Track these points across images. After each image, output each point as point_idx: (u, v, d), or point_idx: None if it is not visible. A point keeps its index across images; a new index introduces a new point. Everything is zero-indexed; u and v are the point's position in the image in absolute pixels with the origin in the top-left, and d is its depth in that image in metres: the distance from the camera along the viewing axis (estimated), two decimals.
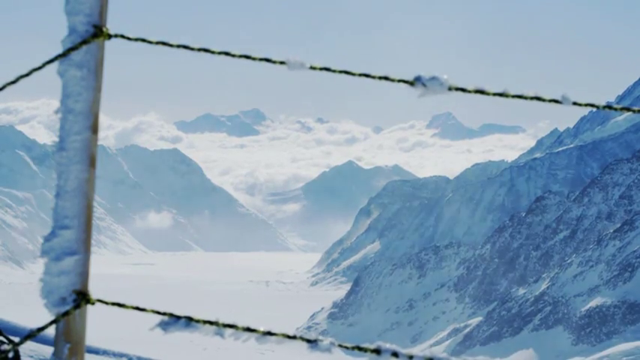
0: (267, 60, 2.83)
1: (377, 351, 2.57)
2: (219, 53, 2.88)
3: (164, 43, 2.89)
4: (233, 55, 2.89)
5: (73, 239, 2.83)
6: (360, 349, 2.62)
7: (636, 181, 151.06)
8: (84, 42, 2.84)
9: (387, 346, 2.56)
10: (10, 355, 3.00)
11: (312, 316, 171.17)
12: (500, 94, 2.77)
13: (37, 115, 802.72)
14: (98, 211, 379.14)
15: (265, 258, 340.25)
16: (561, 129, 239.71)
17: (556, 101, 2.76)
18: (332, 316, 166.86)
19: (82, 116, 2.86)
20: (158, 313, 2.72)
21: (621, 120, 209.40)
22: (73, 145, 2.85)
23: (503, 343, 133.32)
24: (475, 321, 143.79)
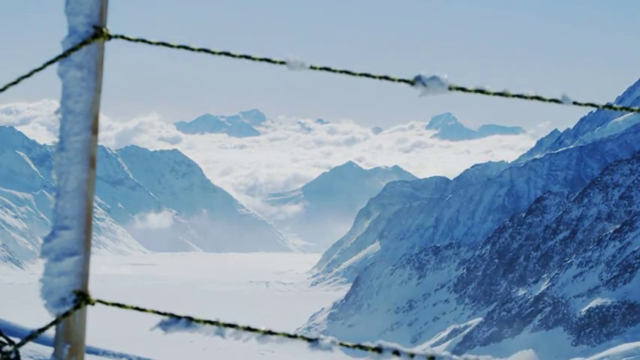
0: (267, 60, 2.82)
1: (378, 349, 2.56)
2: (219, 53, 2.86)
3: (164, 44, 2.88)
4: (233, 56, 2.87)
5: (73, 240, 2.82)
6: (361, 347, 2.60)
7: (636, 181, 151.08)
8: (84, 43, 2.83)
9: (389, 344, 2.55)
10: (12, 356, 3.14)
11: (312, 317, 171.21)
12: (501, 94, 2.76)
13: (38, 115, 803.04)
14: (98, 211, 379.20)
15: (265, 258, 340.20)
16: (561, 130, 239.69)
17: (556, 101, 2.75)
18: (332, 317, 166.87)
19: (82, 117, 2.85)
20: (158, 313, 2.71)
21: (621, 121, 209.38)
22: (73, 146, 2.84)
23: (504, 344, 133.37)
24: (475, 322, 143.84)
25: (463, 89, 2.78)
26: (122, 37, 2.86)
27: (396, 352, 2.55)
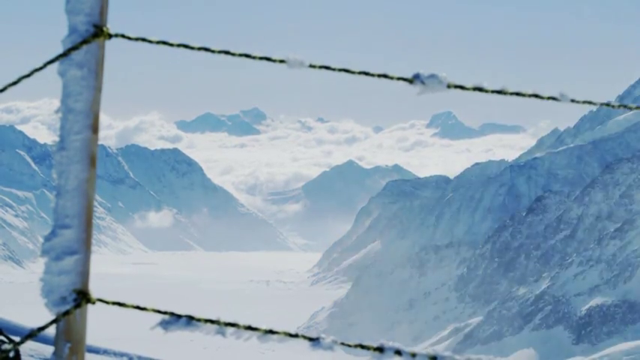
0: (267, 59, 2.83)
1: (380, 349, 2.55)
2: (219, 52, 2.88)
3: (164, 43, 2.90)
4: (233, 54, 2.88)
5: (73, 238, 2.83)
6: (362, 347, 2.60)
7: (636, 180, 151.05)
8: (84, 42, 2.85)
9: (390, 344, 2.55)
10: (11, 354, 3.13)
11: (313, 316, 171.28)
12: (499, 92, 2.77)
13: (38, 114, 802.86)
14: (98, 210, 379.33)
15: (266, 257, 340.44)
16: (562, 128, 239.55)
17: (554, 98, 2.76)
18: (332, 316, 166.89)
19: (83, 116, 2.86)
20: (159, 312, 2.72)
21: (621, 119, 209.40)
22: (73, 145, 2.85)
23: (504, 343, 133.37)
24: (476, 320, 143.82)
25: (462, 87, 2.78)
26: (122, 36, 2.87)
27: (398, 352, 2.54)
